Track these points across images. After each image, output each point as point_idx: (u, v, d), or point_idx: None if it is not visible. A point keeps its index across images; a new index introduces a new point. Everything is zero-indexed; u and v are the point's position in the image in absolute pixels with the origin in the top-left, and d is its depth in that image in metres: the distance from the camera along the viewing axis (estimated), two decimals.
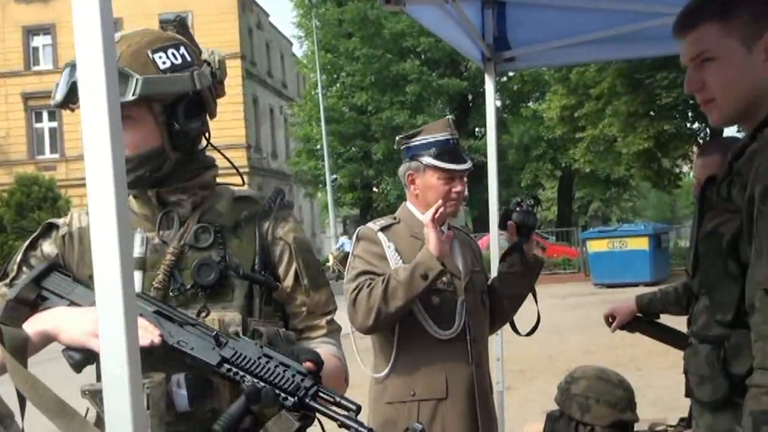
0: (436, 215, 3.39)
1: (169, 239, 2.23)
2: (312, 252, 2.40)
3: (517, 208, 3.77)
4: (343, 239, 33.82)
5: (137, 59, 2.12)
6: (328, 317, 2.37)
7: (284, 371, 1.99)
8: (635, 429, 3.80)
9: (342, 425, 1.96)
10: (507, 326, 4.14)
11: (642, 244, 23.66)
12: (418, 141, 3.64)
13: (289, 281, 2.30)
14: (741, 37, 2.19)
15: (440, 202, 3.46)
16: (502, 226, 3.80)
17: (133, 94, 2.07)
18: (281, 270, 2.31)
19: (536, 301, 3.95)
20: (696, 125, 26.24)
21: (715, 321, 2.21)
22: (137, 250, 2.18)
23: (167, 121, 2.18)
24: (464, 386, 3.55)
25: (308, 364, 2.00)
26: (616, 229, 26.75)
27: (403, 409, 3.50)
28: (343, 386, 2.34)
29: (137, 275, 2.17)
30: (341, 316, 2.66)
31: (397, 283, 3.32)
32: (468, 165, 3.68)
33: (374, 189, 38.65)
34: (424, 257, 3.34)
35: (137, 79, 2.07)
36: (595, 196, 46.66)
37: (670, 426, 3.93)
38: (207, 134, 2.34)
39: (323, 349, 2.24)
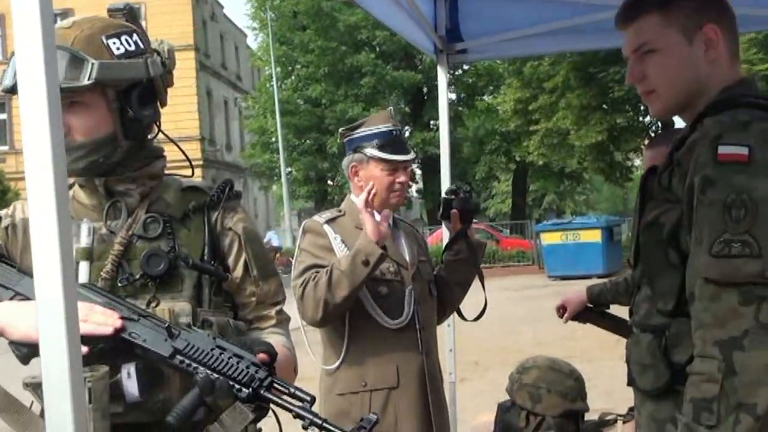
0: (370, 198, 3.38)
1: (116, 229, 2.20)
2: (261, 242, 2.40)
3: (455, 196, 3.79)
4: (270, 234, 33.73)
5: (91, 44, 2.10)
6: (278, 307, 2.37)
7: (238, 362, 1.98)
8: (585, 418, 3.83)
9: (297, 416, 1.96)
10: (460, 319, 4.16)
11: (595, 236, 23.87)
12: (360, 133, 3.65)
13: (238, 271, 2.30)
14: (682, 28, 2.22)
15: (371, 184, 3.46)
16: (444, 215, 3.81)
17: (88, 79, 2.05)
18: (231, 260, 2.30)
19: (483, 286, 3.96)
20: (648, 119, 26.51)
21: (656, 310, 2.24)
22: (84, 241, 2.17)
23: (120, 107, 2.16)
24: (415, 375, 3.56)
25: (262, 356, 1.99)
26: (569, 222, 26.93)
27: (355, 400, 3.50)
28: (293, 376, 2.35)
29: (84, 266, 2.15)
30: (291, 310, 2.65)
31: (340, 272, 3.32)
32: (410, 155, 3.70)
33: (329, 182, 38.63)
34: (363, 243, 3.34)
35: (93, 64, 2.05)
36: (549, 189, 47.03)
37: (620, 415, 3.96)
38: (158, 123, 2.32)
39: (274, 339, 2.24)
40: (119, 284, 2.16)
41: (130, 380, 2.04)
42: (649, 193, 2.30)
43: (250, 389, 1.95)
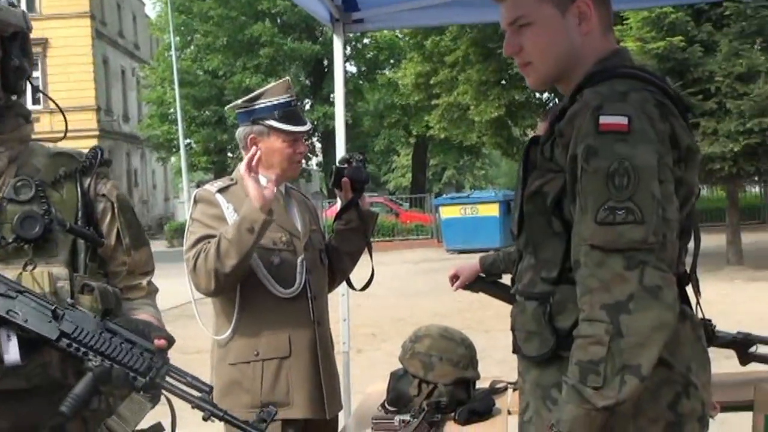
0: (253, 163, 3.35)
1: None
2: (133, 211, 2.36)
3: (347, 165, 3.79)
4: None
5: None
6: (148, 278, 2.34)
7: (131, 349, 1.94)
8: (477, 386, 3.88)
9: (196, 407, 1.94)
10: (356, 291, 4.17)
11: (492, 210, 24.22)
12: (260, 104, 3.60)
13: (111, 239, 2.26)
14: (555, 2, 2.28)
15: (254, 149, 3.43)
16: (336, 184, 3.80)
17: None
18: (104, 227, 2.26)
19: (371, 257, 3.97)
20: (545, 95, 26.88)
21: (540, 278, 2.28)
22: None
23: (3, 56, 2.10)
24: (307, 344, 3.56)
25: (161, 342, 1.97)
26: (467, 196, 27.25)
27: (247, 370, 3.49)
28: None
29: None
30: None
31: (228, 241, 3.28)
32: (309, 126, 3.70)
33: (229, 154, 38.26)
34: (247, 210, 3.31)
35: None
36: (449, 163, 47.47)
37: (510, 383, 4.02)
38: (31, 83, 2.25)
39: (145, 312, 2.22)
40: None
41: (10, 343, 1.97)
42: (532, 164, 2.35)
43: (147, 378, 1.92)
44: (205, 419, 2.03)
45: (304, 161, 3.91)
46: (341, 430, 3.81)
